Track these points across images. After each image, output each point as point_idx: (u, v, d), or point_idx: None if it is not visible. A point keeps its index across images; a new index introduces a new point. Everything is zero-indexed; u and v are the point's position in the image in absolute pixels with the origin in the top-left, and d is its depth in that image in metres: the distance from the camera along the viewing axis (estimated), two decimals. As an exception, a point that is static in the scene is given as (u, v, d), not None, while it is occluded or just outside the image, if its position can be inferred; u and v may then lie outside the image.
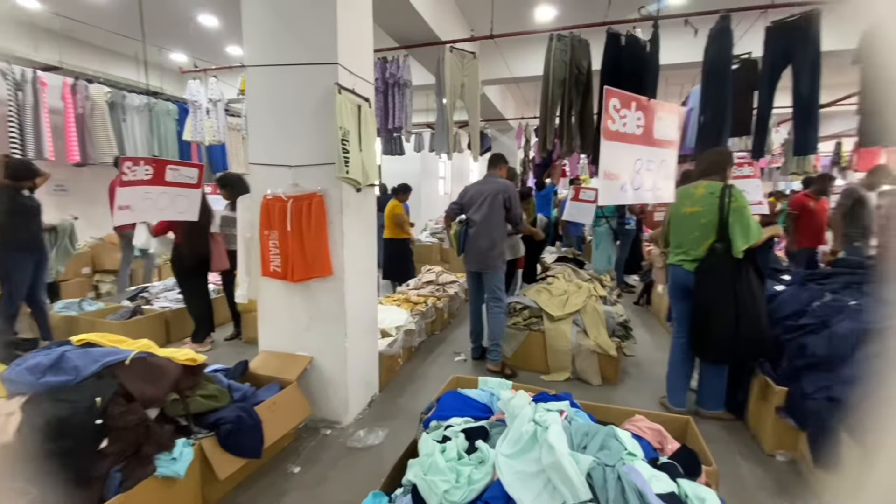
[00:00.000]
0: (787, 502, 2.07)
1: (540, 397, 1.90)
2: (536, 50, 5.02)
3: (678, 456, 1.59)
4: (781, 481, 2.22)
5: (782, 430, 2.36)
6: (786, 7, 3.49)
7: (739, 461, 2.40)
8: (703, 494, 1.31)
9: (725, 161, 2.78)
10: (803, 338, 2.51)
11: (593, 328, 3.36)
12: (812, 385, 2.24)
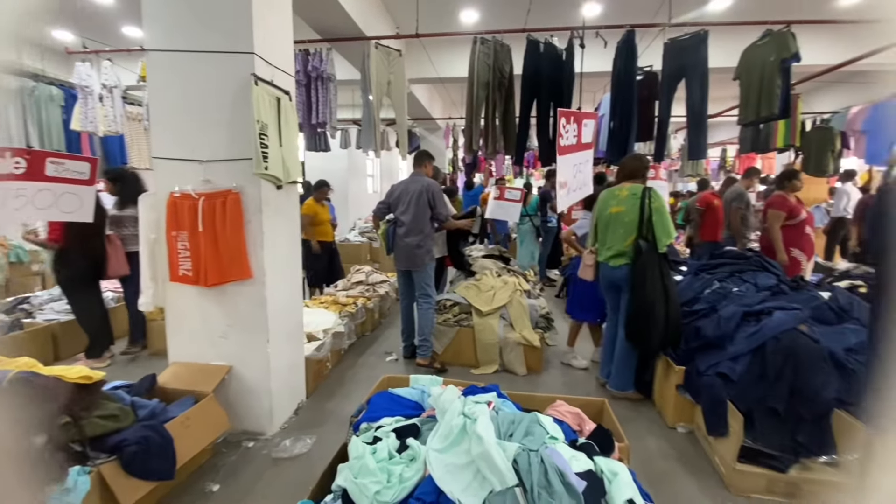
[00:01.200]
0: (686, 470, 2.33)
1: (469, 391, 1.95)
2: (461, 52, 5.12)
3: (594, 435, 1.71)
4: (681, 450, 2.49)
5: (682, 404, 2.65)
6: (680, 27, 3.89)
7: (647, 435, 2.64)
8: (616, 469, 1.42)
9: (644, 166, 3.08)
10: (697, 322, 2.84)
11: (519, 321, 3.52)
12: (704, 363, 2.54)
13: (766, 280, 3.12)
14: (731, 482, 2.14)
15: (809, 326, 2.53)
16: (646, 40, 4.19)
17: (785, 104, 3.67)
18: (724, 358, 2.49)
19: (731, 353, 2.49)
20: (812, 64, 5.51)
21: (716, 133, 11.88)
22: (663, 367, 2.86)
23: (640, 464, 2.33)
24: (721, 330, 2.62)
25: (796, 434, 2.18)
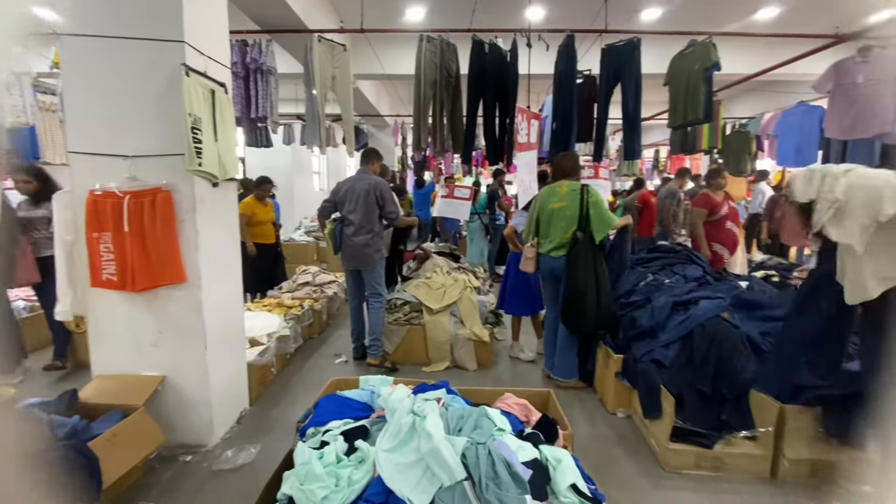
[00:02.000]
0: (626, 452, 2.47)
1: (419, 389, 1.95)
2: (408, 49, 5.09)
3: (539, 425, 1.78)
4: (621, 433, 2.64)
5: (621, 391, 2.81)
6: (616, 33, 4.10)
7: (590, 421, 2.78)
8: (560, 456, 1.48)
9: (577, 163, 3.31)
10: (633, 312, 3.02)
11: (469, 318, 3.57)
12: (640, 351, 2.71)
13: (694, 272, 3.38)
14: (665, 460, 2.30)
15: (730, 314, 2.77)
16: (585, 45, 4.37)
17: (708, 109, 3.98)
18: (658, 345, 2.67)
19: (664, 341, 2.67)
20: (731, 73, 6.02)
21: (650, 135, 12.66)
22: (604, 357, 3.01)
23: (583, 449, 2.44)
24: (654, 319, 2.81)
25: (720, 412, 2.38)
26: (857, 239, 1.64)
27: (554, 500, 1.39)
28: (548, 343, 3.37)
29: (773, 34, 4.69)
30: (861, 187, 1.64)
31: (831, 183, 1.70)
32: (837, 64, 4.05)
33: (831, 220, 1.69)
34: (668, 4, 5.60)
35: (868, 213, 1.61)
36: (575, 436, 2.41)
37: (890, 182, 1.57)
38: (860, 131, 3.93)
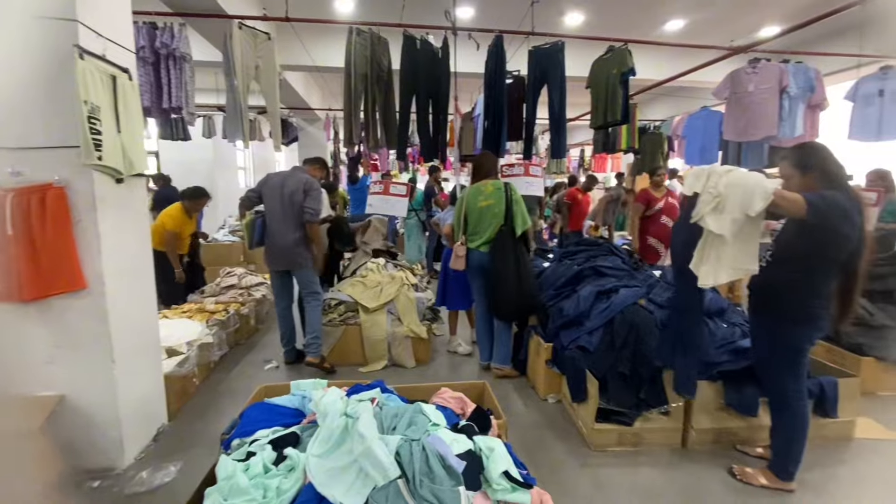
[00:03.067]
0: (556, 435, 2.60)
1: (353, 390, 1.91)
2: (337, 41, 4.94)
3: (474, 417, 1.81)
4: (552, 418, 2.77)
5: (551, 378, 2.95)
6: (542, 36, 4.27)
7: (523, 409, 2.90)
8: (492, 445, 1.53)
9: (496, 164, 3.50)
10: (561, 302, 3.18)
11: (406, 315, 3.55)
12: (567, 338, 2.86)
13: (615, 262, 3.63)
14: (591, 440, 2.45)
15: (646, 300, 3.01)
16: (514, 46, 4.51)
17: (626, 111, 4.28)
18: (583, 332, 2.83)
19: (588, 328, 2.84)
20: (645, 78, 6.50)
21: (576, 135, 13.38)
22: (535, 346, 3.14)
23: (517, 435, 2.54)
24: (580, 308, 2.98)
25: (639, 392, 2.58)
26: (728, 230, 1.83)
27: (487, 488, 1.43)
28: (480, 335, 3.46)
29: (680, 44, 5.13)
30: (738, 185, 1.82)
31: (715, 180, 1.88)
32: (732, 73, 4.53)
33: (711, 213, 1.87)
34: (590, 11, 5.94)
35: (740, 209, 1.79)
36: (509, 423, 2.50)
37: (760, 183, 1.77)
38: (751, 134, 4.42)
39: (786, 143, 4.61)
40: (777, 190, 1.74)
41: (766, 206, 1.73)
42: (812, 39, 5.76)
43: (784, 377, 2.04)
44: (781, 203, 1.74)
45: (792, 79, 4.21)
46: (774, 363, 2.06)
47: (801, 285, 1.92)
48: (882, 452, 2.42)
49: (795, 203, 1.74)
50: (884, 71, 4.50)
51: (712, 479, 2.20)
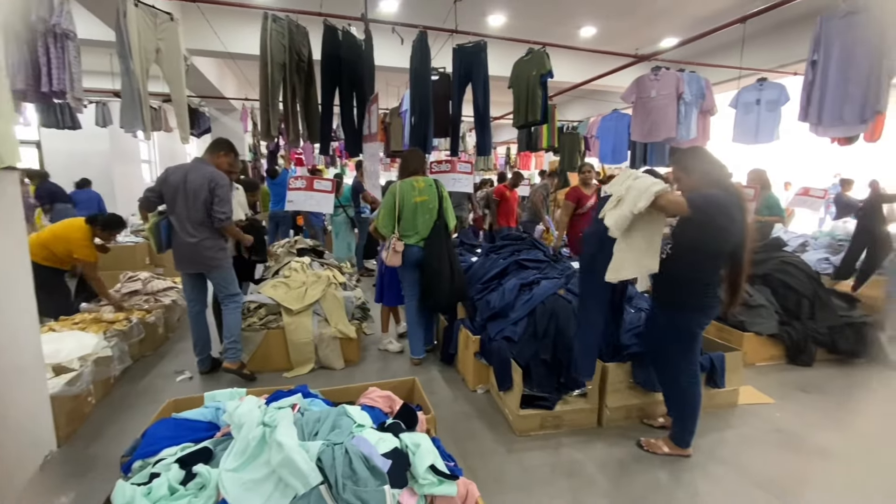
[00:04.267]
0: (485, 424, 2.68)
1: (274, 397, 1.82)
2: (252, 27, 4.63)
3: (400, 414, 1.81)
4: (480, 408, 2.85)
5: (479, 369, 3.03)
6: (465, 34, 4.33)
7: (453, 401, 2.95)
8: (419, 440, 1.54)
9: (424, 161, 3.52)
10: (488, 295, 3.27)
11: (334, 315, 3.45)
12: (494, 330, 2.95)
13: (537, 255, 3.81)
14: (517, 426, 2.56)
15: (565, 290, 3.19)
16: (439, 42, 4.54)
17: (545, 112, 4.49)
18: (508, 324, 2.94)
19: (513, 319, 2.96)
20: (563, 80, 6.88)
21: (502, 133, 13.82)
22: (464, 339, 3.21)
23: (447, 427, 2.59)
24: (505, 300, 3.09)
25: (560, 377, 2.74)
26: (614, 225, 2.02)
27: (414, 483, 1.43)
28: (413, 329, 3.48)
29: (592, 50, 5.48)
30: (635, 188, 2.01)
31: (625, 184, 2.07)
32: (637, 80, 4.93)
33: (611, 210, 2.06)
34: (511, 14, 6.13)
35: (629, 207, 1.99)
36: (440, 416, 2.53)
37: (650, 187, 1.96)
38: (654, 136, 4.85)
39: (683, 145, 5.13)
40: (660, 192, 1.91)
41: (647, 205, 1.92)
42: (705, 52, 6.45)
43: (679, 359, 2.27)
44: (663, 203, 1.93)
45: (687, 86, 4.68)
46: (670, 347, 2.29)
47: (692, 275, 2.15)
48: (760, 415, 2.79)
49: (677, 204, 1.94)
50: (760, 83, 5.15)
51: (624, 452, 2.40)
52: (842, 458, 2.36)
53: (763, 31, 5.81)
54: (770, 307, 3.63)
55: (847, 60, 3.17)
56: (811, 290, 3.72)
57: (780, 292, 3.76)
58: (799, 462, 2.34)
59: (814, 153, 6.87)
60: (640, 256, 2.04)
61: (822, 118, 3.34)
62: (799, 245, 5.70)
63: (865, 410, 2.89)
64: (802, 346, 3.50)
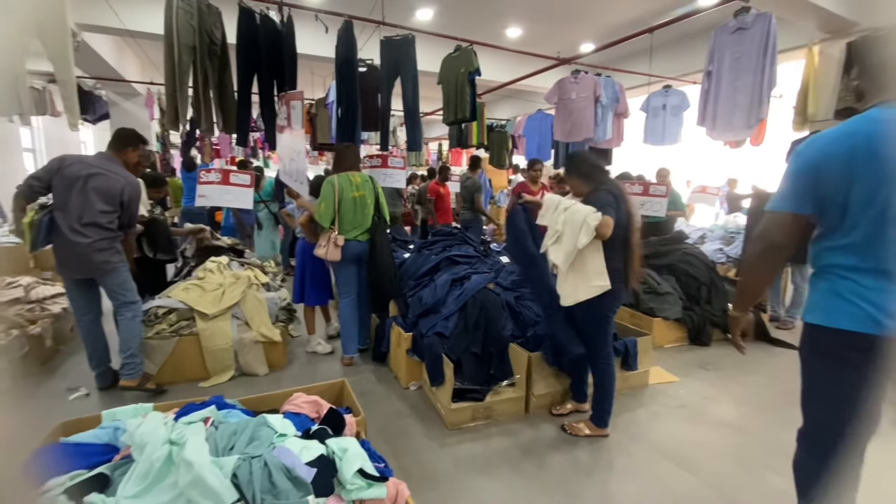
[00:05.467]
0: (417, 420, 2.67)
1: (184, 411, 1.67)
2: (156, 3, 4.19)
3: (327, 419, 1.74)
4: (413, 405, 2.84)
5: (412, 366, 3.02)
6: (392, 27, 4.25)
7: (386, 400, 2.91)
8: (346, 445, 1.49)
9: (358, 156, 3.52)
10: (420, 292, 3.27)
11: (255, 318, 3.25)
12: (426, 326, 2.95)
13: (468, 251, 3.87)
14: (449, 420, 2.58)
15: (495, 284, 3.28)
16: (366, 34, 4.41)
17: (473, 109, 4.55)
18: (440, 319, 2.96)
19: (445, 314, 2.98)
20: (490, 79, 7.04)
21: (434, 129, 13.86)
22: (396, 337, 3.18)
23: (379, 427, 2.55)
24: (437, 296, 3.10)
25: (490, 368, 2.81)
26: (563, 262, 2.20)
27: (341, 490, 1.39)
28: (347, 327, 3.39)
29: (517, 50, 5.65)
30: (571, 222, 2.17)
31: (558, 216, 2.22)
32: (559, 82, 5.17)
33: (553, 246, 2.23)
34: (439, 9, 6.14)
35: (572, 243, 2.16)
36: (372, 416, 2.49)
37: (586, 219, 2.13)
38: (575, 136, 5.13)
39: (600, 145, 5.48)
40: (597, 224, 2.10)
41: (589, 240, 2.11)
42: (619, 58, 6.92)
43: (595, 342, 2.44)
44: (602, 231, 2.11)
45: (603, 90, 4.99)
46: (588, 331, 2.44)
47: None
48: (668, 393, 3.07)
49: (608, 226, 2.12)
50: (666, 89, 5.63)
51: (550, 436, 2.52)
52: (736, 427, 2.67)
53: (668, 42, 6.37)
54: (675, 294, 4.00)
55: (736, 72, 3.57)
56: (708, 278, 4.16)
57: (683, 280, 4.15)
58: (701, 433, 2.60)
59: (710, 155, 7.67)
60: (590, 279, 2.19)
61: (716, 123, 3.73)
62: (698, 237, 6.36)
63: (754, 383, 3.29)
64: (701, 328, 3.90)
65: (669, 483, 2.15)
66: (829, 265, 1.36)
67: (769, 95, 3.46)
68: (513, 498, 2.04)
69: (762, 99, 3.44)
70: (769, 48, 3.36)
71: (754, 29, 3.43)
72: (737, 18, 3.53)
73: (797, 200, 1.36)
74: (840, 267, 1.33)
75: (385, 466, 1.68)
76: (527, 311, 3.11)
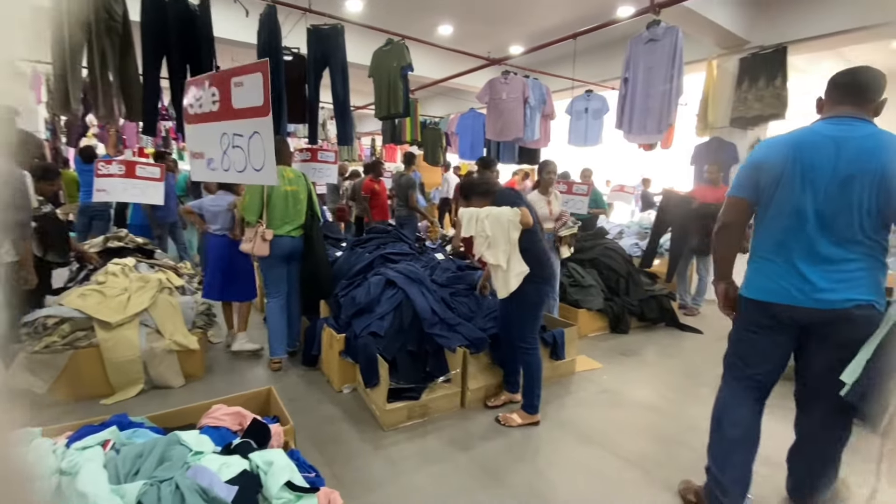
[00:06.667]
0: (351, 424, 2.59)
1: (78, 434, 1.47)
2: (39, -32, 3.64)
3: (250, 431, 1.63)
4: (347, 409, 2.75)
5: (345, 368, 2.92)
6: (320, 14, 4.07)
7: (318, 405, 2.79)
8: (271, 457, 1.39)
9: (289, 151, 3.45)
10: (353, 291, 3.17)
11: (168, 324, 2.96)
12: (359, 326, 2.87)
13: (402, 248, 3.82)
14: (384, 421, 2.53)
15: (430, 281, 3.27)
16: (290, 21, 4.18)
17: (406, 105, 4.50)
18: (374, 318, 2.89)
19: (379, 314, 2.92)
20: (423, 76, 7.02)
21: (367, 124, 13.55)
22: (328, 338, 3.06)
23: (311, 434, 2.44)
24: (371, 295, 3.03)
25: (426, 366, 2.80)
26: (503, 260, 2.37)
27: (267, 506, 1.30)
28: (276, 326, 3.24)
29: (450, 48, 5.68)
30: (497, 223, 2.36)
31: (482, 224, 2.37)
32: (490, 81, 5.27)
33: (487, 250, 2.37)
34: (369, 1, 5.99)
35: (504, 241, 2.35)
36: (301, 424, 2.38)
37: (510, 217, 2.35)
38: (506, 135, 5.26)
39: (529, 145, 5.68)
40: (520, 218, 2.35)
41: (518, 233, 2.36)
42: (546, 61, 7.20)
43: (525, 330, 2.54)
44: (525, 220, 2.36)
45: (531, 91, 5.17)
46: (520, 319, 2.54)
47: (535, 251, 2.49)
48: (592, 379, 3.26)
49: (528, 214, 2.38)
50: (588, 94, 5.97)
51: (484, 429, 2.57)
52: (652, 407, 2.90)
53: (591, 49, 6.73)
54: (597, 286, 4.26)
55: (649, 80, 3.86)
56: (626, 271, 4.48)
57: (604, 273, 4.44)
58: (622, 415, 2.79)
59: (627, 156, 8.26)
60: (517, 269, 2.39)
61: (632, 127, 4.01)
62: (617, 233, 6.83)
63: (666, 366, 3.60)
64: (621, 317, 4.20)
65: (595, 465, 2.28)
66: (757, 249, 1.74)
67: (677, 103, 3.78)
68: (448, 493, 2.05)
69: (671, 106, 3.75)
70: (677, 60, 3.67)
71: (664, 41, 3.73)
72: (649, 30, 3.81)
73: (743, 188, 1.73)
74: (764, 251, 1.71)
75: (316, 476, 1.61)
76: (461, 306, 3.14)
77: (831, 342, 1.61)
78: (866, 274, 1.56)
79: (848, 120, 1.58)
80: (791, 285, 1.62)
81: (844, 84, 1.62)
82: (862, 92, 1.59)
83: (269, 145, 2.57)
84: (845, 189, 1.52)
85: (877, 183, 1.49)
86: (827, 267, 1.57)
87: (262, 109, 2.56)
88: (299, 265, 3.31)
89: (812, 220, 1.58)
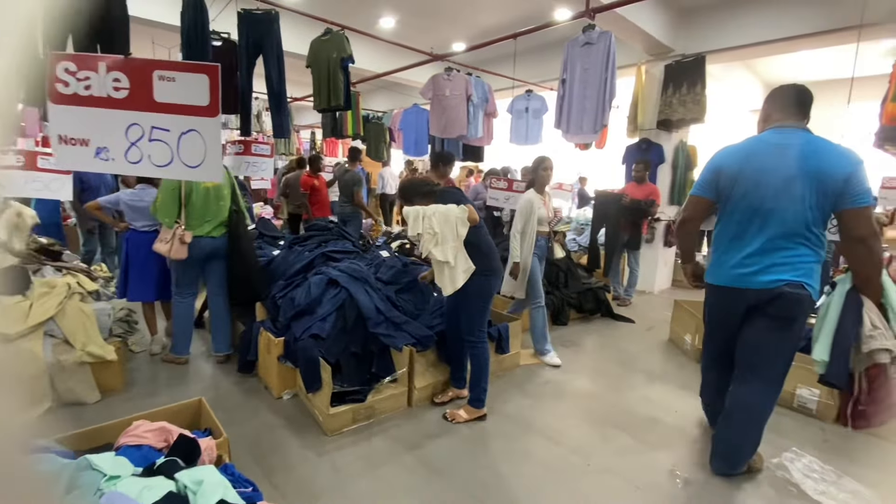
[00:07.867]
0: (292, 432, 2.48)
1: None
2: None
3: (176, 447, 1.50)
4: (287, 415, 2.63)
5: (285, 373, 2.78)
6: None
7: (256, 413, 2.64)
8: (201, 476, 1.29)
9: None
10: (292, 292, 3.03)
11: (79, 334, 2.65)
12: (300, 329, 2.75)
13: (345, 246, 3.71)
14: (328, 426, 2.44)
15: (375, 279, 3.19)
16: (219, 4, 3.90)
17: (347, 97, 4.36)
18: (316, 320, 2.78)
19: (321, 315, 2.81)
20: (364, 69, 6.85)
21: (306, 116, 13.04)
22: (265, 343, 2.90)
23: (249, 445, 2.30)
24: (311, 296, 2.90)
25: (371, 367, 2.73)
26: (451, 256, 2.38)
27: (196, 529, 1.19)
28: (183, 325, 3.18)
29: (392, 42, 5.58)
30: (444, 221, 2.37)
31: (429, 221, 2.35)
32: (433, 77, 5.24)
33: (435, 247, 2.36)
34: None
35: (453, 237, 2.38)
36: (238, 435, 2.24)
37: (457, 215, 2.39)
38: (450, 132, 5.27)
39: (473, 142, 5.73)
40: (468, 215, 2.41)
41: (466, 230, 2.41)
42: (488, 60, 7.29)
43: (473, 324, 2.56)
44: (472, 217, 2.42)
45: (474, 89, 5.21)
46: (468, 312, 2.56)
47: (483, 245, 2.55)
48: (536, 371, 3.36)
49: (474, 211, 2.44)
50: (528, 94, 6.12)
51: (432, 427, 2.56)
52: (590, 395, 3.04)
53: (531, 49, 6.91)
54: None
55: (585, 82, 4.02)
56: (565, 265, 4.66)
57: (546, 267, 4.59)
58: (563, 405, 2.90)
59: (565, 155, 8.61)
60: (463, 265, 2.42)
61: (569, 127, 4.16)
62: (557, 228, 7.10)
63: (602, 355, 3.79)
64: (561, 310, 4.36)
65: (541, 454, 2.35)
66: (717, 243, 2.07)
67: (610, 105, 3.98)
68: (395, 495, 2.02)
69: (605, 107, 3.94)
70: (610, 63, 3.85)
71: (599, 45, 3.90)
72: (585, 34, 3.97)
73: (703, 188, 2.06)
74: (722, 244, 2.04)
75: (253, 490, 1.51)
76: (407, 304, 3.10)
77: (767, 314, 1.93)
78: (802, 261, 1.88)
79: (791, 129, 1.90)
80: (742, 272, 1.96)
81: (790, 97, 1.94)
82: (803, 105, 1.93)
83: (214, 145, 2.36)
84: (789, 187, 1.82)
85: (815, 181, 1.79)
86: (772, 255, 1.89)
87: (206, 109, 2.36)
88: (223, 264, 3.17)
89: (763, 215, 1.88)
